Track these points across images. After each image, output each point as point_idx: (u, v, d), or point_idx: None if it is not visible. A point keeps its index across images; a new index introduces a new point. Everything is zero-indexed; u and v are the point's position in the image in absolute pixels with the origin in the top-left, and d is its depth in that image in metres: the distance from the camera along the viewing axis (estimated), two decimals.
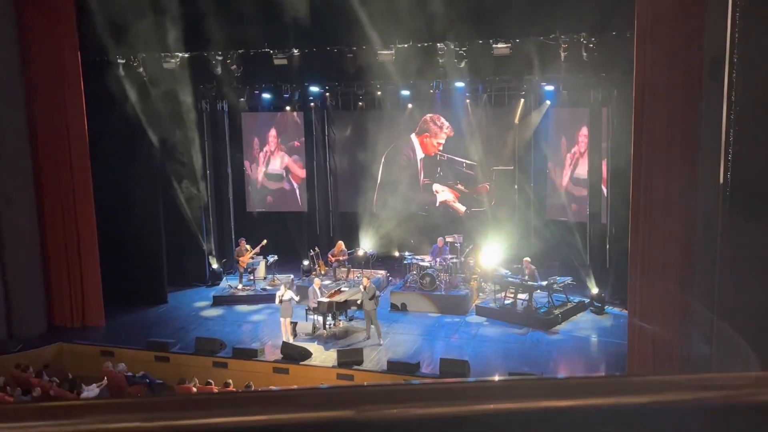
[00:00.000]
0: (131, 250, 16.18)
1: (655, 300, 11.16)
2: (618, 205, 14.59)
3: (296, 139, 19.54)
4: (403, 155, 18.98)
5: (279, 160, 19.76)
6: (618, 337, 13.24)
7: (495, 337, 13.72)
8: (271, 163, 19.76)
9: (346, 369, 12.17)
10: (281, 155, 19.72)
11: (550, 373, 11.90)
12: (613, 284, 15.23)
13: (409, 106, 18.36)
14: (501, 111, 17.81)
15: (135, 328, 14.79)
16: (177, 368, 12.81)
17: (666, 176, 10.84)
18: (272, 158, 19.75)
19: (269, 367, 12.62)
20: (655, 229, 11.04)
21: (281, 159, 19.75)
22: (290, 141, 19.60)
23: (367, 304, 13.16)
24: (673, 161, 10.79)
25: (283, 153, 19.69)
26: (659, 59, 10.68)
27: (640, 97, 10.95)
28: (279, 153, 19.75)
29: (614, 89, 14.73)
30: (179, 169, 16.94)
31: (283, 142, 19.65)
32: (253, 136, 19.62)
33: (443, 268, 15.60)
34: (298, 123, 19.51)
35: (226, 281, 17.42)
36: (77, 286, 14.86)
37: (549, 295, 14.51)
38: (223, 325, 14.91)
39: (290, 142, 19.60)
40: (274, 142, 19.69)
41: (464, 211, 18.55)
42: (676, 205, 10.81)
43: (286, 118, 19.50)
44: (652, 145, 10.93)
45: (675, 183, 10.76)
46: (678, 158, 10.76)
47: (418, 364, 12.09)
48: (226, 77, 15.76)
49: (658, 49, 10.66)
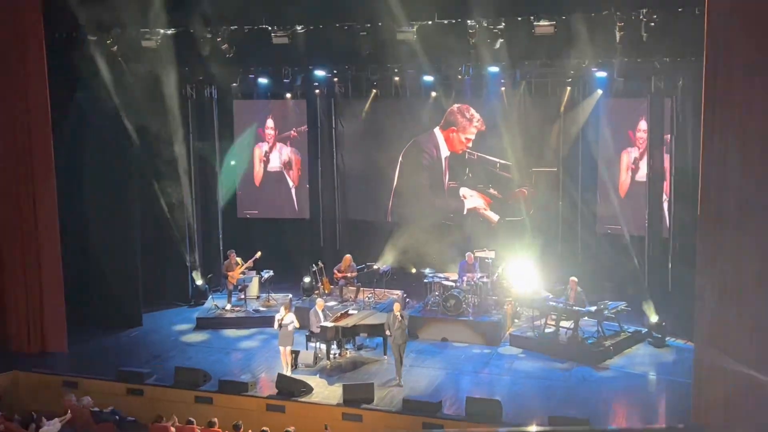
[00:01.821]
0: (100, 263, 16.27)
1: (729, 331, 11.03)
2: (683, 216, 14.46)
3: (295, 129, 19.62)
4: (425, 153, 18.97)
5: (277, 155, 19.86)
6: (682, 375, 13.10)
7: (533, 373, 13.63)
8: (271, 160, 19.86)
9: (353, 408, 12.14)
10: (280, 149, 19.82)
11: (598, 419, 11.77)
12: (676, 311, 15.08)
13: (432, 95, 18.34)
14: (543, 101, 17.74)
15: (103, 355, 14.82)
16: (152, 403, 12.81)
17: (742, 181, 10.73)
18: (270, 154, 19.85)
19: (262, 404, 12.61)
20: (729, 244, 10.93)
21: (280, 154, 19.84)
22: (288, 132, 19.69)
23: (399, 335, 13.09)
24: (751, 163, 10.69)
25: (282, 146, 19.79)
26: (735, 40, 10.59)
27: (712, 85, 10.87)
28: (277, 147, 19.85)
29: (680, 77, 14.64)
30: (159, 167, 17.02)
31: (281, 134, 19.76)
32: (247, 128, 19.71)
33: (471, 288, 15.54)
34: (301, 113, 19.57)
35: (212, 300, 17.45)
36: (36, 305, 14.91)
37: (599, 323, 14.41)
38: (207, 352, 14.91)
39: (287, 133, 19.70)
40: (273, 134, 19.80)
41: (497, 221, 18.50)
42: (755, 215, 10.70)
43: (286, 107, 19.57)
44: (725, 143, 10.83)
45: (753, 189, 10.65)
46: (757, 159, 10.65)
47: (439, 403, 12.03)
48: (216, 58, 15.81)
49: (734, 28, 10.57)
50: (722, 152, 10.86)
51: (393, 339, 13.14)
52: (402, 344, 13.11)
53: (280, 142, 19.81)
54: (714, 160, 10.94)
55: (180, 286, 17.86)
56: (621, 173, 17.08)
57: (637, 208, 16.55)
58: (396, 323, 13.10)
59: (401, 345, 13.11)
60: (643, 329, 15.00)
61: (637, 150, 16.72)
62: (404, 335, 13.15)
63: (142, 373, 13.46)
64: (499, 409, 11.66)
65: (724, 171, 10.87)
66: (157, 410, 12.13)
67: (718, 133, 10.87)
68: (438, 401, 12.04)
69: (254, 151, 19.84)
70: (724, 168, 10.87)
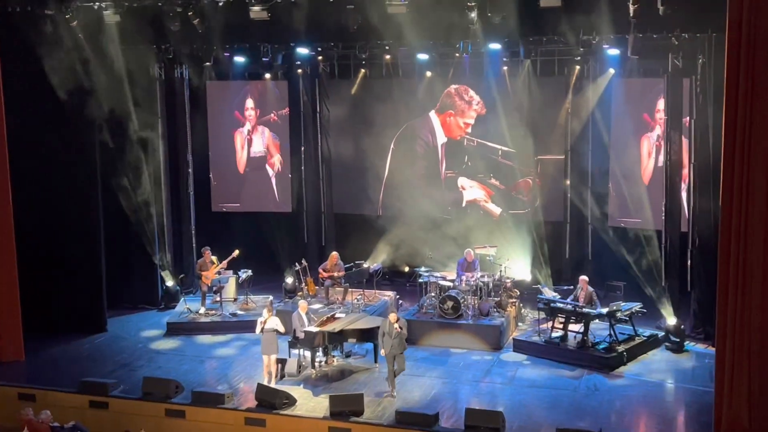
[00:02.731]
0: (60, 263, 16.20)
1: (754, 334, 11.05)
2: (704, 208, 14.48)
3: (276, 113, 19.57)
4: (420, 139, 18.96)
5: (260, 138, 19.80)
6: (702, 382, 13.14)
7: (538, 381, 13.63)
8: (254, 143, 19.82)
9: (341, 421, 12.10)
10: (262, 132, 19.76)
11: (611, 430, 11.79)
12: (696, 313, 15.12)
13: (427, 75, 18.35)
14: (549, 82, 17.76)
15: (64, 364, 14.77)
16: (119, 417, 12.74)
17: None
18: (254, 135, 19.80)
19: (240, 418, 12.54)
20: (755, 240, 10.93)
21: (261, 139, 19.79)
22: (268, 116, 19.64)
23: (395, 345, 12.94)
24: None
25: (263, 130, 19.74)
26: (761, 13, 10.56)
27: (735, 64, 10.85)
28: (260, 130, 19.80)
29: (700, 54, 14.64)
30: (124, 156, 16.94)
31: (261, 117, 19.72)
32: (222, 111, 19.64)
33: (471, 289, 15.54)
34: (282, 95, 19.53)
35: (184, 303, 17.39)
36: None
37: (611, 326, 14.42)
38: (179, 361, 14.87)
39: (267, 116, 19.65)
40: (254, 115, 19.73)
41: (499, 214, 18.51)
42: None
43: (266, 88, 19.53)
44: (750, 127, 10.82)
45: None
46: None
47: (436, 415, 12.00)
48: (187, 35, 15.75)
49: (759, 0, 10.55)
50: (746, 137, 10.85)
51: (389, 349, 12.96)
52: (398, 355, 12.91)
53: (261, 125, 19.77)
54: (737, 145, 10.93)
55: (148, 287, 17.82)
56: (635, 161, 17.08)
57: (652, 199, 16.57)
58: (394, 332, 12.92)
59: (398, 357, 12.93)
60: (659, 333, 15.02)
61: (652, 136, 16.72)
62: (401, 344, 12.97)
63: (107, 384, 13.35)
64: (501, 421, 11.64)
65: (748, 157, 10.86)
66: (124, 425, 12.10)
67: (741, 116, 10.85)
68: (434, 413, 12.01)
69: (234, 136, 19.77)
70: (748, 154, 10.86)
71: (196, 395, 12.88)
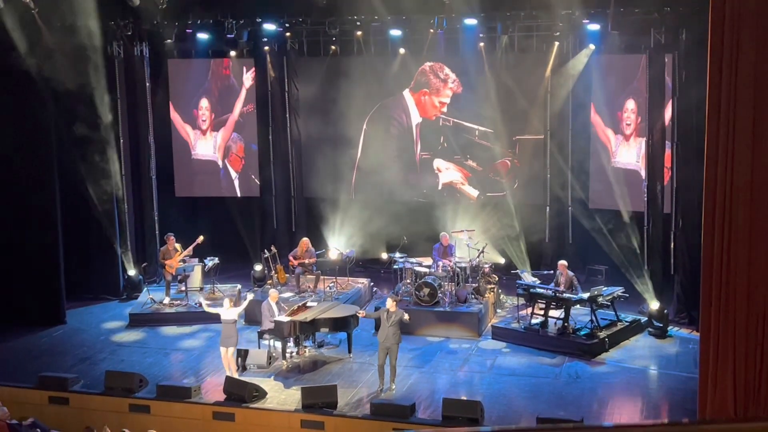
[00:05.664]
0: (14, 252, 16.07)
1: (739, 319, 11.16)
2: (687, 189, 14.62)
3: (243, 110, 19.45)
4: (393, 119, 18.94)
5: (211, 142, 19.66)
6: (686, 368, 13.31)
7: (518, 370, 13.73)
8: (198, 148, 19.68)
9: (314, 414, 12.13)
10: (215, 137, 19.64)
11: (593, 419, 11.92)
12: (679, 297, 15.28)
13: (401, 52, 18.30)
14: (528, 59, 17.79)
15: (21, 358, 14.68)
16: (80, 413, 12.72)
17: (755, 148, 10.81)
18: (198, 141, 19.67)
19: (208, 412, 12.55)
20: (740, 222, 11.01)
21: (215, 141, 19.63)
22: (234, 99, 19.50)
23: (390, 335, 12.75)
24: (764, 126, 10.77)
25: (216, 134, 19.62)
26: None
27: (718, 38, 10.91)
28: (212, 135, 19.68)
29: (682, 28, 14.74)
30: (82, 138, 16.76)
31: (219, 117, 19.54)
32: (184, 91, 19.49)
33: (448, 275, 15.60)
34: (248, 73, 19.40)
35: (147, 293, 17.36)
36: None
37: (592, 311, 14.54)
38: (143, 354, 14.83)
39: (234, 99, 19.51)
40: (207, 119, 19.55)
41: (476, 197, 18.57)
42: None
43: (231, 66, 19.39)
44: (734, 104, 10.89)
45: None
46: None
47: (412, 406, 12.06)
48: (148, 10, 15.60)
49: None
50: (731, 114, 10.91)
51: (383, 340, 12.81)
52: (392, 346, 12.70)
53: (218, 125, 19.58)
54: (722, 124, 10.99)
55: (109, 277, 17.70)
56: (616, 141, 17.18)
57: (634, 182, 16.69)
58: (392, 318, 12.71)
59: (391, 347, 12.71)
60: (642, 318, 15.17)
61: (634, 114, 16.81)
62: (396, 334, 12.77)
63: (67, 378, 13.31)
64: (480, 411, 11.73)
65: (732, 135, 10.93)
66: (86, 421, 12.05)
67: (725, 93, 10.91)
68: (411, 404, 12.07)
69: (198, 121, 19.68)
70: (733, 132, 10.93)
71: (161, 389, 12.87)
